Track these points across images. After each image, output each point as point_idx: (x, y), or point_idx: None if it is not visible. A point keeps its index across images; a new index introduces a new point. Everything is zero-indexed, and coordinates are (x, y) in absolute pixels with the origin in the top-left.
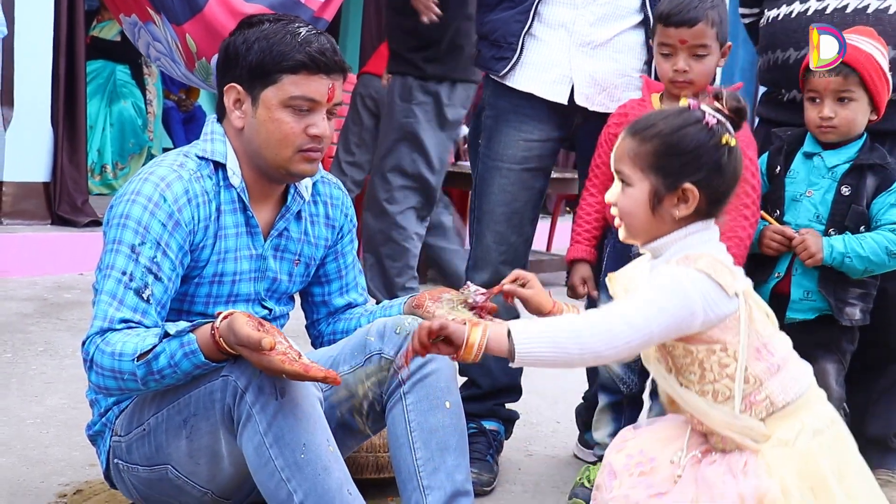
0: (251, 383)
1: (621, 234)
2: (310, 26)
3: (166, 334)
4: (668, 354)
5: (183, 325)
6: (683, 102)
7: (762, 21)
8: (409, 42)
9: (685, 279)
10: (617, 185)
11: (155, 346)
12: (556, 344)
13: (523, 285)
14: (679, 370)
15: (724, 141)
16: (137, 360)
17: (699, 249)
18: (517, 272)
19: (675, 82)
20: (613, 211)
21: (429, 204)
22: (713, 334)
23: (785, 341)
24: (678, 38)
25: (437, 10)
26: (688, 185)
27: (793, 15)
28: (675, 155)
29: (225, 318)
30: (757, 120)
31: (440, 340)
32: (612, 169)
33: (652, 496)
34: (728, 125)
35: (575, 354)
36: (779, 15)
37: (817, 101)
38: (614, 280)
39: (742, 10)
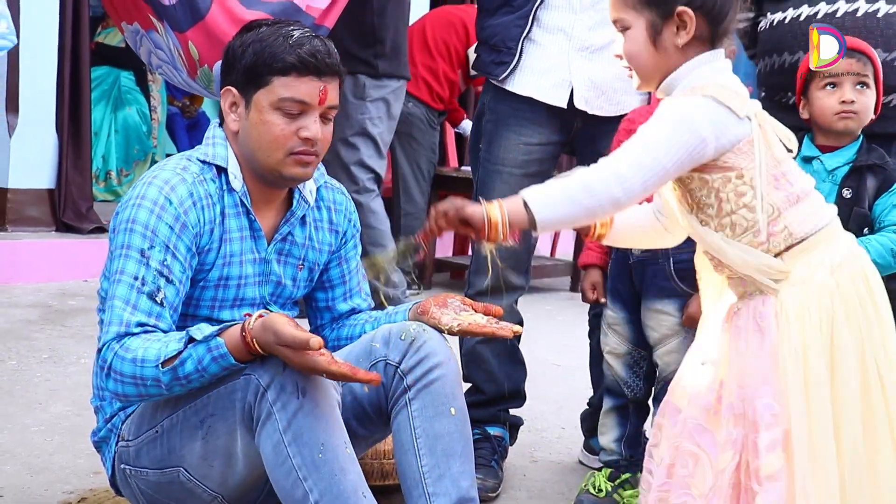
0: (274, 381)
1: (635, 83)
2: (305, 29)
3: (191, 339)
4: (685, 190)
5: (207, 328)
6: None
7: (763, 24)
8: (360, 40)
9: (689, 107)
10: (619, 36)
11: (181, 352)
12: (573, 201)
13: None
14: (698, 205)
15: None
16: (162, 367)
17: (709, 79)
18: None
19: None
20: (623, 63)
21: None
22: (727, 160)
23: (807, 178)
24: None
25: None
26: (682, 8)
27: (801, 18)
28: None
29: (258, 318)
30: None
31: (460, 223)
32: (612, 22)
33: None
34: None
35: (595, 206)
36: (785, 18)
37: (834, 86)
38: None
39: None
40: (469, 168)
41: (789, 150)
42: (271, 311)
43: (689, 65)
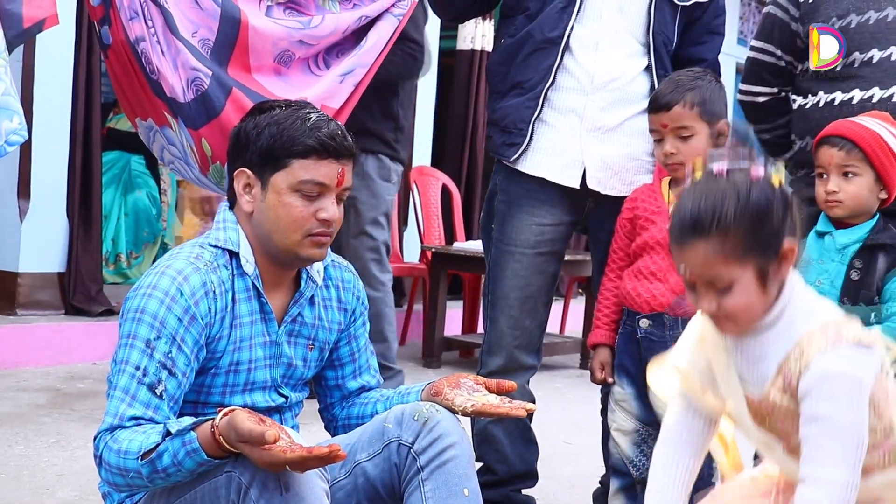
0: (255, 479)
1: (728, 329)
2: (320, 112)
3: (168, 432)
4: (791, 434)
5: (186, 421)
6: (699, 174)
7: (803, 104)
8: (386, 124)
9: (857, 370)
10: (707, 293)
11: (158, 445)
12: None
13: None
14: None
15: (778, 182)
16: (141, 459)
17: (809, 302)
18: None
19: (667, 165)
20: (718, 314)
21: None
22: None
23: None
24: (660, 122)
25: None
26: (787, 242)
27: (835, 102)
28: (762, 222)
29: (225, 415)
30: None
31: None
32: (696, 280)
33: None
34: (756, 159)
35: None
36: (819, 101)
37: (824, 176)
38: (658, 366)
39: (755, 88)
40: (467, 246)
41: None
42: (284, 395)
43: (787, 291)
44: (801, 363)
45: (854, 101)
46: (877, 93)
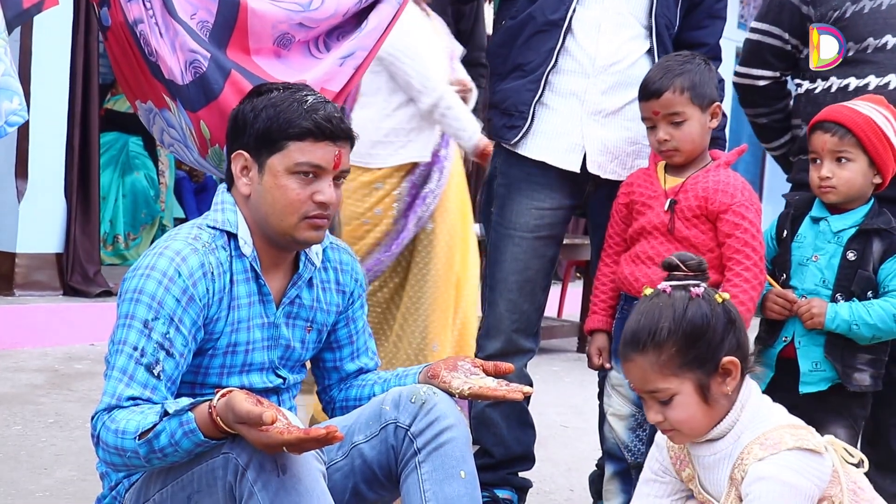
0: (252, 460)
1: (678, 440)
2: (318, 94)
3: (166, 413)
4: None
5: (184, 402)
6: (648, 291)
7: (812, 89)
8: None
9: (789, 475)
10: (653, 404)
11: (156, 425)
12: None
13: None
14: None
15: (720, 300)
16: (139, 439)
17: (761, 415)
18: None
19: (661, 152)
20: (665, 426)
21: None
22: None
23: (860, 473)
24: (651, 110)
25: None
26: (728, 359)
27: (850, 88)
28: (697, 338)
29: (223, 395)
30: (790, 186)
31: None
32: (641, 393)
33: None
34: (704, 284)
35: None
36: (832, 87)
37: (818, 161)
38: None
39: (756, 72)
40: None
41: (858, 465)
42: (282, 376)
43: (735, 408)
44: (741, 472)
45: (870, 88)
46: (893, 80)
